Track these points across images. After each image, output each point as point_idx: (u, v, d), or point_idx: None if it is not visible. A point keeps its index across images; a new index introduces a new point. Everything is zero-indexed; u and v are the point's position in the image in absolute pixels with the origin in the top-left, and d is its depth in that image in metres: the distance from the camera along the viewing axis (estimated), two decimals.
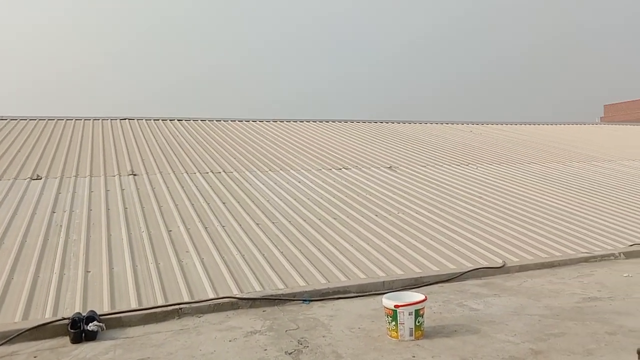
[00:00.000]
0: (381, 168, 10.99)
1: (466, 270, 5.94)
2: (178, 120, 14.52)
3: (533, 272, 6.18)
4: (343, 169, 10.63)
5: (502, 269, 6.13)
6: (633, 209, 9.10)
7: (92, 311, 4.39)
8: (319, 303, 5.03)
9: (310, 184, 9.38)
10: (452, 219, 7.98)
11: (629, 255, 6.86)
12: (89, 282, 5.21)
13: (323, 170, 10.46)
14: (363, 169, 10.82)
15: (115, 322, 4.48)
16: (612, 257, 6.78)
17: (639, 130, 21.98)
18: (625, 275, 5.90)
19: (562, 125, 21.09)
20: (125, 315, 4.54)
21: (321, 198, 8.56)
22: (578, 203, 9.29)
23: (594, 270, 6.20)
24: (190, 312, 4.71)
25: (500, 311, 4.65)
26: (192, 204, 7.72)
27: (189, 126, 13.91)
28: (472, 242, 7.03)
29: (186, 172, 9.42)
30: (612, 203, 9.44)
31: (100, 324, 4.23)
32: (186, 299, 4.93)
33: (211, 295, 5.03)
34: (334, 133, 14.79)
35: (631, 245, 7.19)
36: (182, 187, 8.54)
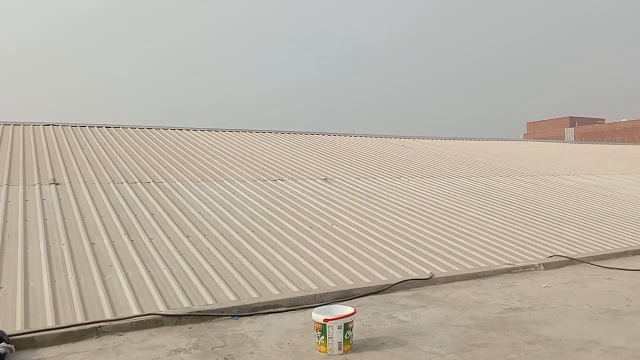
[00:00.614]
0: (316, 180, 11.03)
1: (395, 282, 6.04)
2: (106, 127, 13.94)
3: (459, 283, 6.37)
4: (278, 180, 10.58)
5: (429, 280, 6.28)
6: (552, 222, 9.62)
7: (0, 331, 4.07)
8: (248, 318, 4.92)
9: (244, 195, 9.25)
10: (383, 230, 8.12)
11: (547, 266, 7.24)
12: (0, 300, 4.85)
13: (258, 181, 10.36)
14: (299, 180, 10.82)
15: (27, 343, 4.17)
16: (532, 268, 7.12)
17: (557, 147, 23.42)
18: (544, 285, 6.21)
19: (489, 141, 22.09)
20: (38, 334, 4.25)
21: (255, 210, 8.45)
22: (502, 216, 9.72)
23: (516, 281, 6.48)
24: (111, 330, 4.47)
25: (428, 322, 4.74)
26: (118, 215, 7.39)
27: (117, 133, 13.38)
28: (402, 254, 7.17)
29: (112, 182, 9.03)
30: (533, 216, 9.94)
31: (9, 345, 3.93)
32: (108, 317, 4.69)
33: (135, 312, 4.81)
34: (269, 144, 14.72)
35: (550, 257, 7.58)
36: (108, 197, 8.17)
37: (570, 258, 7.56)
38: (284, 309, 5.19)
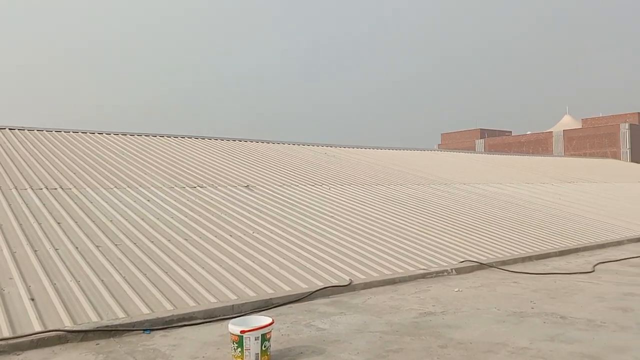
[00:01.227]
0: (238, 187, 10.87)
1: (315, 290, 6.05)
2: (10, 129, 12.94)
3: (377, 289, 6.50)
4: (198, 187, 10.31)
5: (348, 287, 6.35)
6: (464, 228, 10.09)
7: None
8: (161, 332, 4.72)
9: (160, 202, 8.91)
10: (305, 238, 8.12)
11: (459, 271, 7.56)
12: None
13: (176, 188, 10.03)
14: (219, 187, 10.60)
15: None
16: (445, 273, 7.40)
17: (469, 157, 24.69)
18: (456, 290, 6.47)
19: (406, 151, 22.87)
20: None
21: (172, 218, 8.17)
22: (418, 222, 10.06)
23: (430, 286, 6.71)
24: (7, 349, 4.11)
25: (345, 329, 4.78)
26: (20, 224, 6.86)
27: (22, 136, 12.47)
28: (323, 261, 7.21)
29: (15, 188, 8.38)
30: (447, 222, 10.38)
31: None
32: (6, 334, 4.31)
33: (38, 329, 4.46)
34: (188, 149, 14.32)
35: (461, 262, 7.93)
36: (10, 204, 7.57)
37: (480, 263, 7.95)
38: (199, 321, 5.03)
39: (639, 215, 14.01)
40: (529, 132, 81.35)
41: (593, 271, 7.70)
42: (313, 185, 12.12)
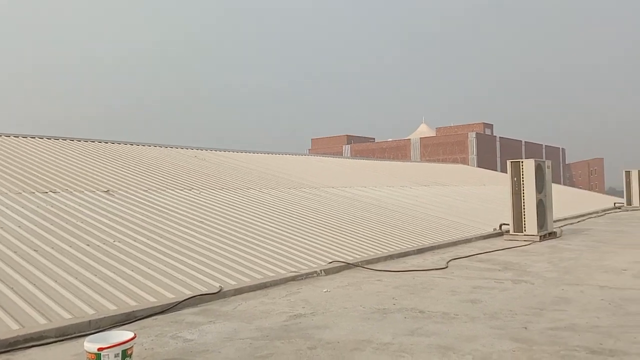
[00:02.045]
0: (97, 192, 10.09)
1: (181, 300, 5.81)
2: None
3: (248, 294, 6.43)
4: (50, 193, 9.38)
5: (218, 294, 6.20)
6: (332, 230, 10.41)
7: None
8: (5, 355, 4.19)
9: (5, 210, 7.96)
10: (173, 245, 7.78)
11: (328, 272, 7.78)
12: None
13: (23, 193, 9.03)
14: (75, 192, 9.75)
15: None
16: (315, 275, 7.57)
17: (337, 162, 25.64)
18: (324, 290, 6.64)
19: (277, 155, 23.10)
20: None
21: (20, 227, 7.33)
22: (289, 225, 10.17)
23: (301, 288, 6.81)
24: None
25: (215, 338, 4.65)
26: None
27: None
28: (193, 269, 6.96)
29: None
30: (316, 225, 10.64)
31: None
32: None
33: None
34: (37, 150, 13.01)
35: (330, 263, 8.17)
36: None
37: (347, 263, 8.26)
38: (51, 340, 4.56)
39: (485, 215, 15.60)
40: (390, 139, 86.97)
41: (447, 267, 8.39)
42: (181, 190, 11.68)
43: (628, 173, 25.05)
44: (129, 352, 3.68)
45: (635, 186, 24.80)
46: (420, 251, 10.04)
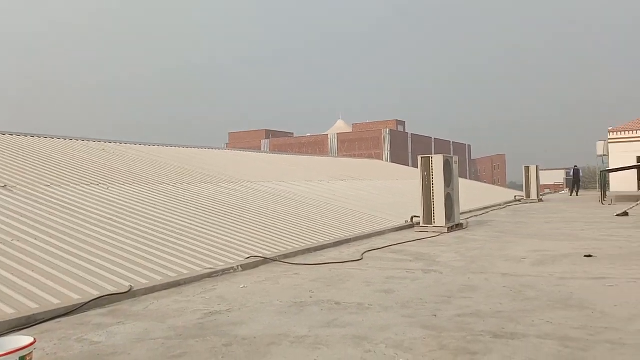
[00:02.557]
0: None
1: (88, 301, 5.49)
2: None
3: (160, 293, 6.21)
4: None
5: (129, 294, 5.93)
6: (250, 225, 10.32)
7: None
8: None
9: None
10: (79, 244, 7.33)
11: (245, 267, 7.70)
12: None
13: None
14: None
15: None
16: (232, 271, 7.46)
17: (255, 156, 25.45)
18: (241, 286, 6.56)
19: (193, 149, 22.50)
20: None
21: None
22: (205, 221, 9.94)
23: (216, 285, 6.68)
24: None
25: (124, 340, 4.44)
26: None
27: None
28: (101, 268, 6.60)
29: None
30: (233, 220, 10.49)
31: None
32: None
33: None
34: None
35: (247, 258, 8.08)
36: None
37: (265, 258, 8.22)
38: None
39: (398, 209, 16.16)
40: (308, 134, 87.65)
41: (362, 259, 8.59)
42: (88, 185, 11.04)
43: (527, 168, 27.02)
44: (28, 358, 3.42)
45: (534, 180, 26.82)
46: (337, 244, 10.21)
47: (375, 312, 5.22)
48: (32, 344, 3.47)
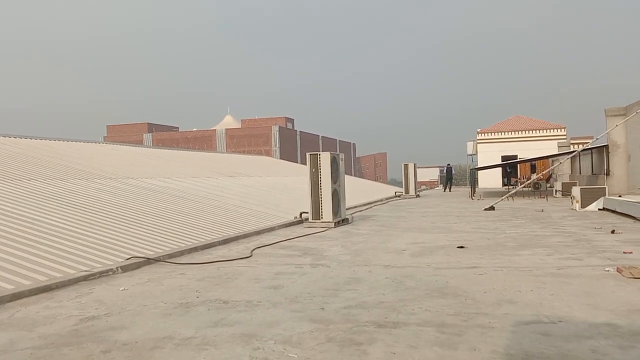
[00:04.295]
0: None
1: None
2: None
3: (28, 299, 5.65)
4: None
5: None
6: (130, 224, 9.76)
7: None
8: None
9: None
10: None
11: (125, 268, 7.26)
12: None
13: None
14: None
15: None
16: (110, 273, 7.00)
17: (137, 151, 24.17)
18: (121, 289, 6.18)
19: (67, 142, 20.82)
20: None
21: None
22: (79, 220, 9.23)
23: (93, 288, 6.23)
24: None
25: None
26: None
27: None
28: None
29: None
30: (112, 219, 9.85)
31: None
32: None
33: None
34: None
35: (128, 259, 7.64)
36: None
37: (148, 258, 7.82)
38: None
39: (287, 205, 16.27)
40: (195, 129, 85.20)
41: (251, 256, 8.52)
42: None
43: (406, 166, 28.62)
44: None
45: (412, 177, 28.47)
46: (226, 241, 10.02)
47: (264, 309, 5.19)
48: None
